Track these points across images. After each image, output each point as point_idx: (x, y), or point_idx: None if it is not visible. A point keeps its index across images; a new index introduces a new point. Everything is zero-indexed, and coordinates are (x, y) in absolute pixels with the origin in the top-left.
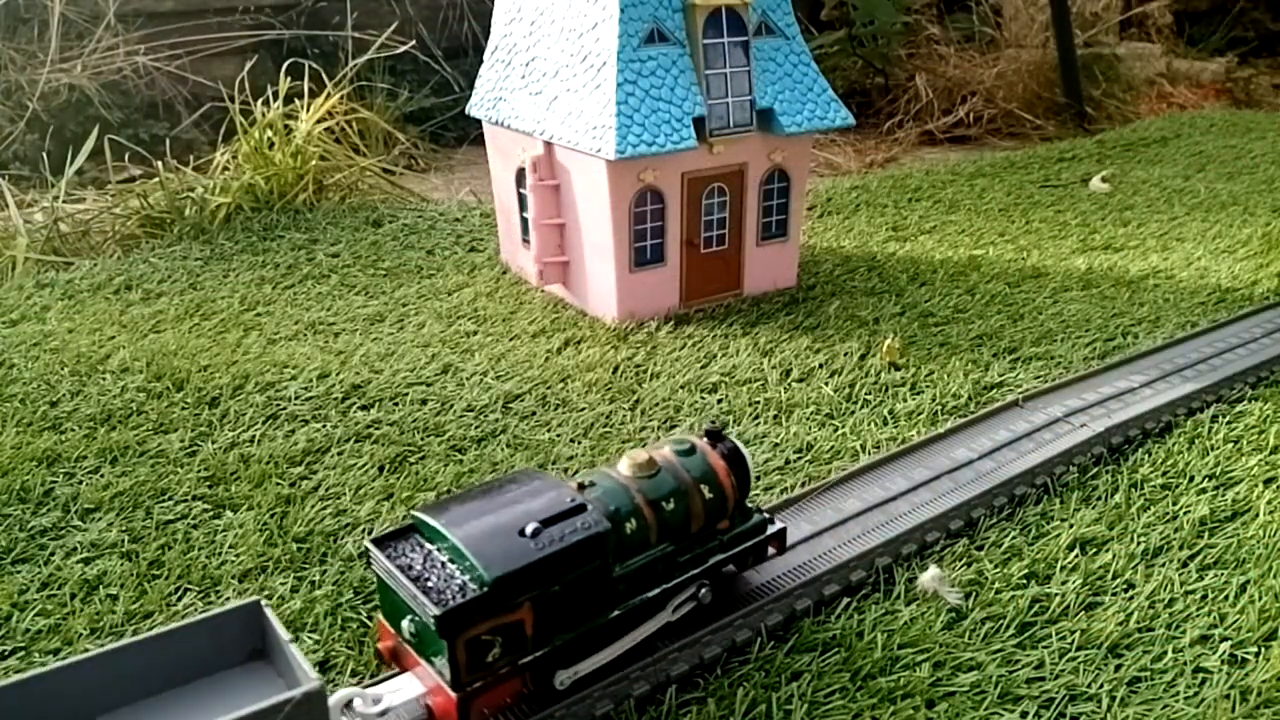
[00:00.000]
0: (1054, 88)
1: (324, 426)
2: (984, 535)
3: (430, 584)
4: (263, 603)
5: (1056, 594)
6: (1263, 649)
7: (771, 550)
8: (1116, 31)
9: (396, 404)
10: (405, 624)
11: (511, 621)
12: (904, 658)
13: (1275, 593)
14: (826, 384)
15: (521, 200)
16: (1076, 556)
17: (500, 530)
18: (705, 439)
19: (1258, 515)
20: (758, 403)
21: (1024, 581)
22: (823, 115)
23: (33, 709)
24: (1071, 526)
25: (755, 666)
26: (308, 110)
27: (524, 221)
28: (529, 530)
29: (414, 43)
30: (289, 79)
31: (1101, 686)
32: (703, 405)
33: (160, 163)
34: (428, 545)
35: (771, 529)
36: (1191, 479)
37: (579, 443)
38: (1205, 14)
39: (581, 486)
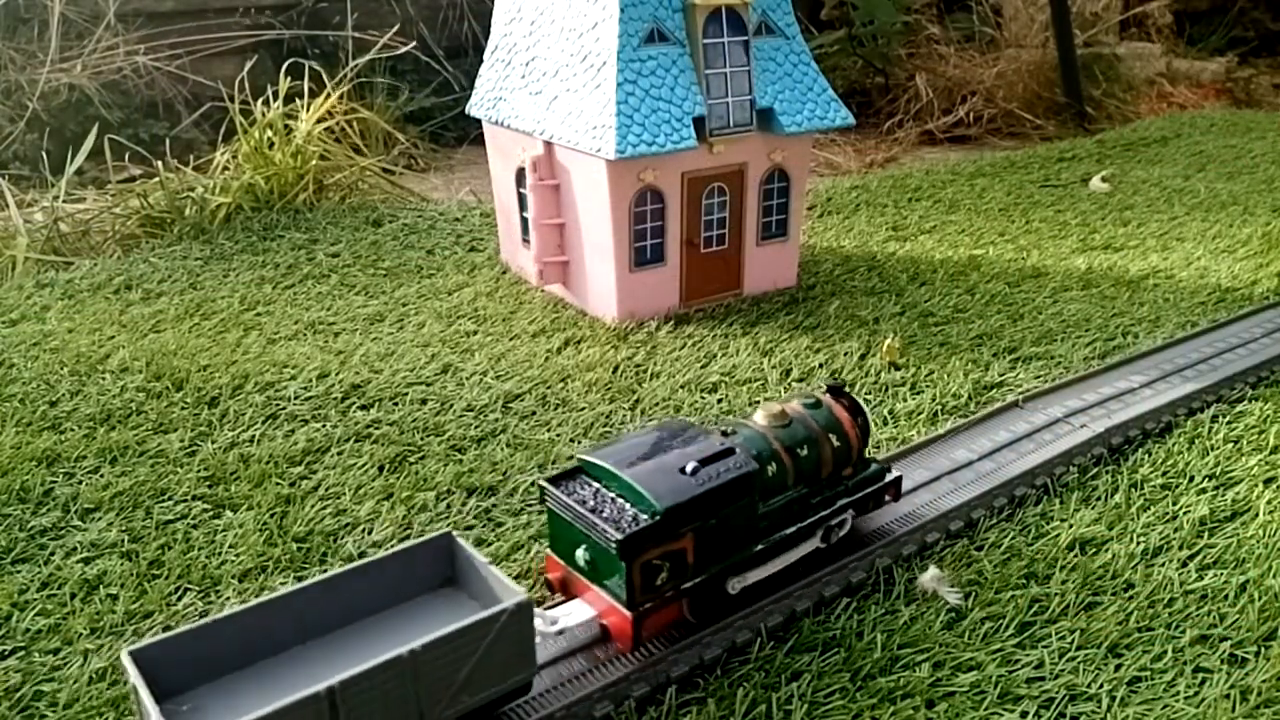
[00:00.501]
0: (1054, 87)
1: (324, 426)
2: (983, 536)
3: (605, 515)
4: (454, 534)
5: (1056, 594)
6: (1263, 649)
7: (887, 497)
8: (1116, 31)
9: (396, 404)
10: (579, 553)
11: (677, 549)
12: (904, 658)
13: (1275, 593)
14: (823, 382)
15: (521, 200)
16: (1076, 556)
17: (664, 468)
18: (828, 394)
19: (1257, 515)
20: (758, 402)
21: (1024, 581)
22: (823, 115)
23: (247, 638)
24: (1071, 527)
25: (755, 666)
26: (308, 110)
27: (524, 221)
28: (689, 469)
29: (414, 42)
30: (289, 79)
31: (1101, 686)
32: (703, 405)
33: (160, 163)
34: (595, 484)
35: (889, 477)
36: (1191, 479)
37: (579, 442)
38: (1205, 14)
39: (725, 434)
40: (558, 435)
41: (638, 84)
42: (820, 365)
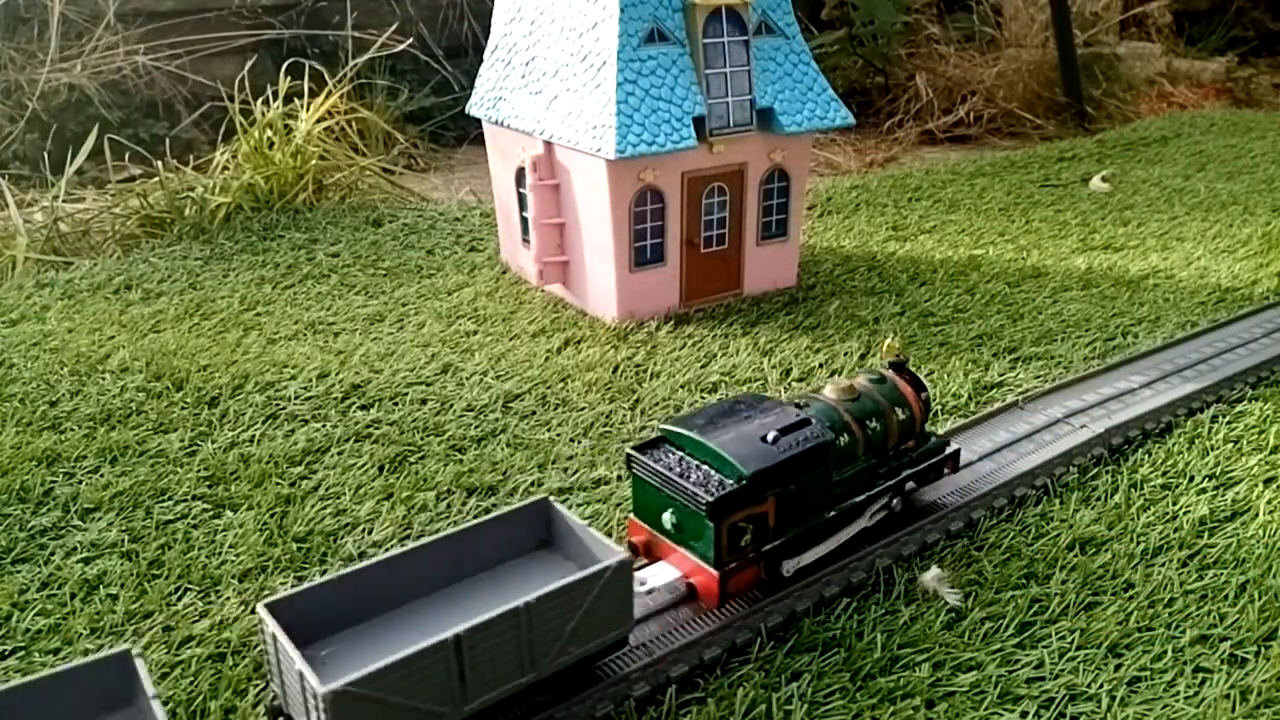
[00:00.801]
0: (1054, 87)
1: (324, 426)
2: (983, 536)
3: (692, 481)
4: (551, 500)
5: (1056, 594)
6: (1263, 649)
7: (946, 469)
8: (1116, 31)
9: (396, 404)
10: (666, 516)
11: (760, 512)
12: (904, 658)
13: (1275, 592)
14: (827, 382)
15: (521, 200)
16: (1076, 556)
17: (747, 437)
18: (891, 370)
19: (1257, 515)
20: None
21: (1024, 581)
22: (823, 115)
23: (367, 593)
24: (1071, 527)
25: (755, 666)
26: (307, 110)
27: (524, 221)
28: (770, 437)
29: (414, 42)
30: (289, 79)
31: (1101, 686)
32: (703, 405)
33: (160, 162)
34: (679, 452)
35: (948, 450)
36: (1191, 479)
37: (579, 442)
38: (1205, 14)
39: (798, 406)
40: (558, 435)
41: (638, 84)
42: (820, 365)
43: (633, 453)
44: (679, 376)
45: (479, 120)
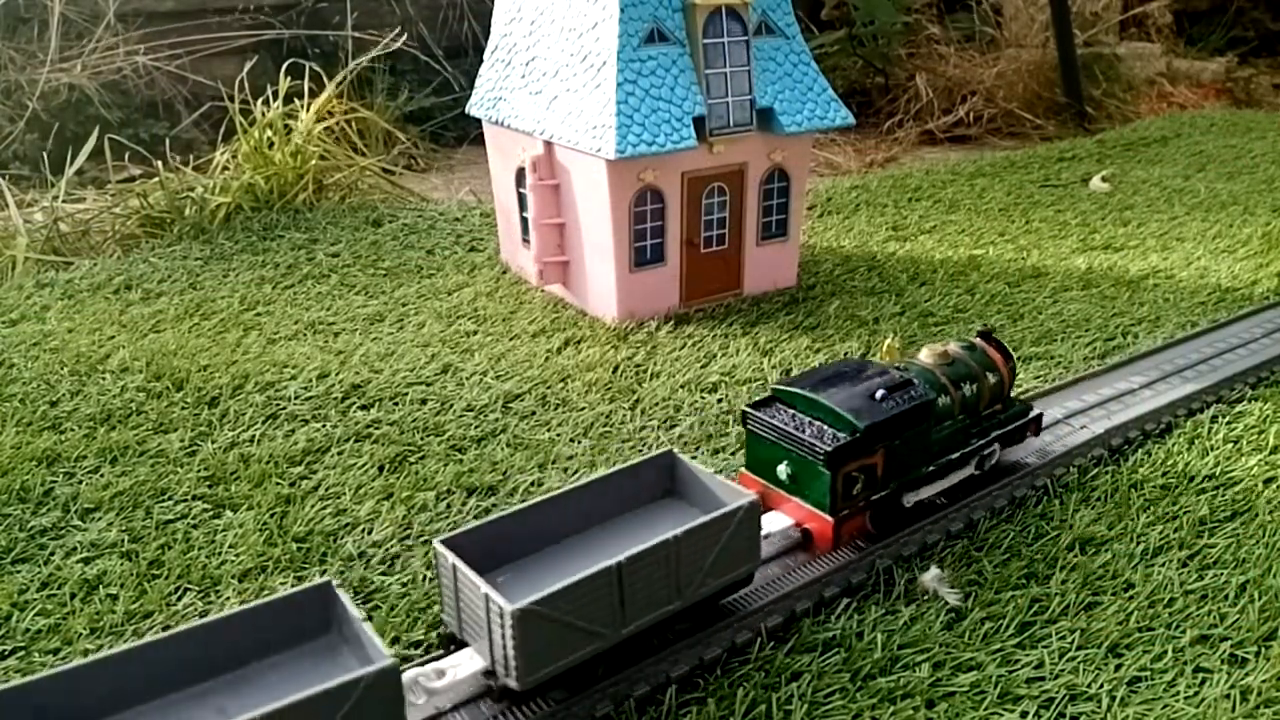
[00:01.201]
0: (1054, 87)
1: (324, 426)
2: (983, 537)
3: (808, 435)
4: (676, 451)
5: (1056, 594)
6: (1263, 649)
7: (1029, 433)
8: (1116, 31)
9: (396, 404)
10: (781, 468)
11: (869, 464)
12: (904, 658)
13: (1275, 592)
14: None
15: (521, 200)
16: (1076, 556)
17: (857, 395)
18: (980, 338)
19: (1257, 515)
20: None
21: (1024, 581)
22: (823, 115)
23: (515, 536)
24: (1071, 527)
25: (755, 666)
26: (307, 110)
27: (524, 221)
28: (878, 396)
29: (414, 42)
30: (289, 79)
31: (1101, 686)
32: (703, 405)
33: (160, 162)
34: (790, 410)
35: (1031, 414)
36: (1191, 479)
37: (579, 442)
38: (1205, 14)
39: (899, 369)
40: (558, 435)
41: (638, 84)
42: (820, 365)
43: (749, 410)
44: (679, 376)
45: (479, 120)
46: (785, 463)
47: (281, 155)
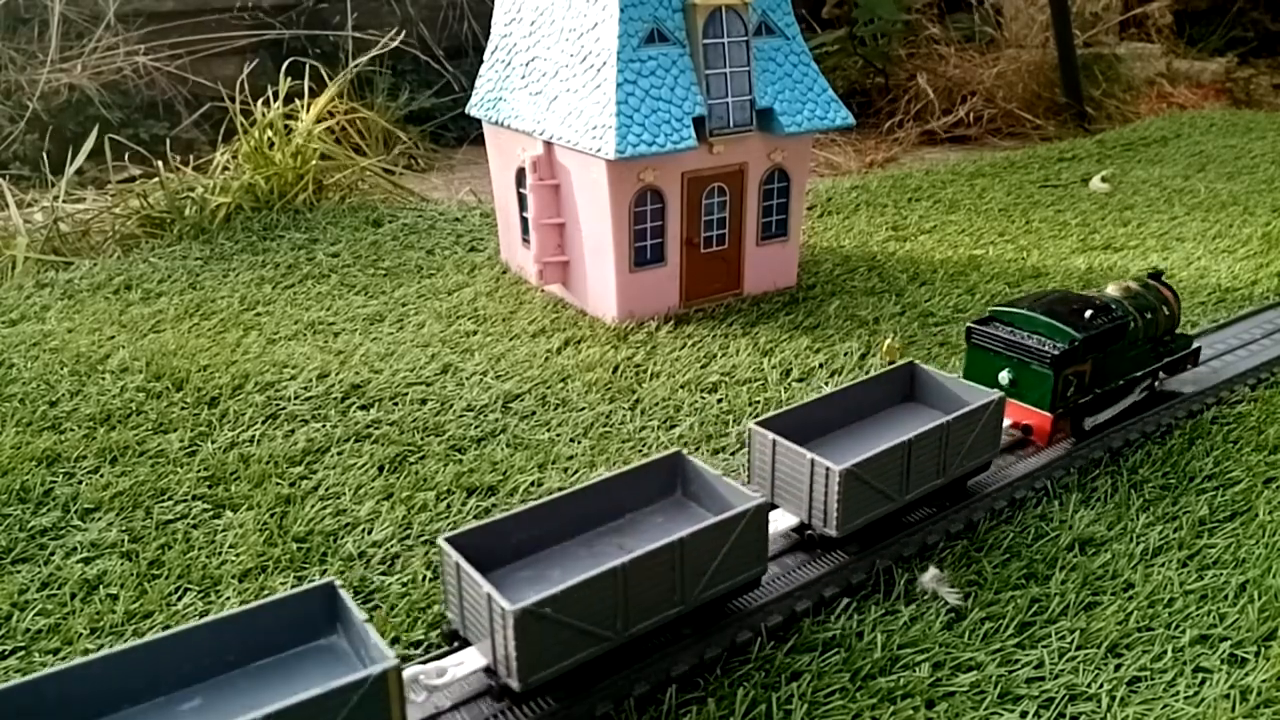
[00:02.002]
0: (1054, 88)
1: (324, 426)
2: (983, 538)
3: (1030, 344)
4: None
5: (1056, 594)
6: (1263, 649)
7: (1189, 365)
8: (1116, 31)
9: (396, 404)
10: (1002, 375)
11: (1081, 370)
12: (904, 658)
13: (1275, 592)
14: (826, 383)
15: (521, 200)
16: (1076, 556)
17: (1070, 314)
18: (1150, 279)
19: (1257, 515)
20: (758, 402)
21: (1024, 581)
22: (823, 115)
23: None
24: (1071, 527)
25: (755, 666)
26: (308, 110)
27: (524, 221)
28: (1087, 315)
29: (414, 42)
30: (289, 79)
31: (1101, 686)
32: (703, 405)
33: (160, 163)
34: (1009, 326)
35: (1192, 347)
36: (1191, 479)
37: (579, 442)
38: (1205, 14)
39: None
40: (558, 435)
41: (638, 84)
42: (820, 365)
43: (974, 326)
44: (679, 376)
45: (479, 120)
46: (1006, 370)
47: (282, 155)
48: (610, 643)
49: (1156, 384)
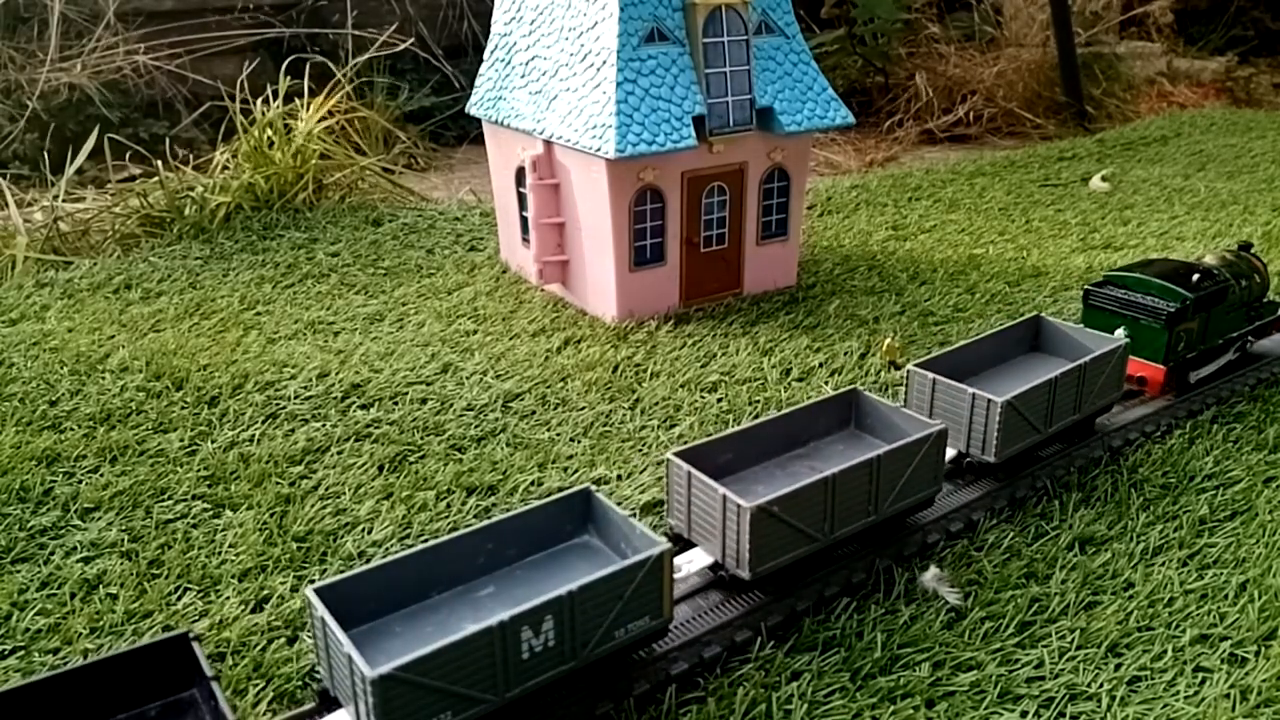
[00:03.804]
0: (1054, 87)
1: (324, 426)
2: (983, 537)
3: (1144, 303)
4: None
5: (1056, 594)
6: (1262, 648)
7: (1275, 331)
8: (1116, 31)
9: (396, 403)
10: (1119, 331)
11: (1190, 328)
12: (904, 657)
13: (1275, 592)
14: (826, 383)
15: (521, 199)
16: (1076, 556)
17: (1179, 277)
18: (1240, 250)
19: (1257, 515)
20: (757, 402)
21: (1024, 581)
22: (823, 114)
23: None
24: (1071, 527)
25: (755, 666)
26: (308, 109)
27: (523, 220)
28: (1195, 278)
29: (414, 41)
30: (289, 78)
31: (1101, 685)
32: (703, 404)
33: (160, 162)
34: (1122, 288)
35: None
36: (1191, 479)
37: (579, 441)
38: (1205, 13)
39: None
40: (557, 434)
41: (638, 83)
42: (820, 364)
43: (1091, 289)
44: (679, 376)
45: (479, 120)
46: (1122, 327)
47: (282, 155)
48: (818, 544)
49: (1248, 345)
